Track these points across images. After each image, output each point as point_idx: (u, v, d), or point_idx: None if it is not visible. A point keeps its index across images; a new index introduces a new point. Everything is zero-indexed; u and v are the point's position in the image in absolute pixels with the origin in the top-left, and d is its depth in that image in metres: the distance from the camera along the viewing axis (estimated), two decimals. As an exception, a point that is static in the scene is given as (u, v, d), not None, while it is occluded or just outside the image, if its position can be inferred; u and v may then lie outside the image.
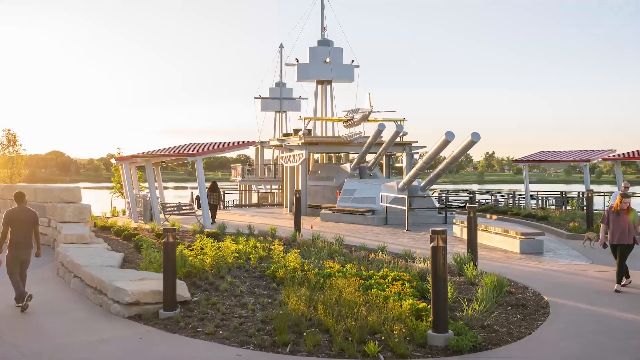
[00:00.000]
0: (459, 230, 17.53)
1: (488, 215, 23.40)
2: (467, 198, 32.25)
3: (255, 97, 47.84)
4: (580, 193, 29.04)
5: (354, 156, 33.49)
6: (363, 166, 26.97)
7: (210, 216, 21.49)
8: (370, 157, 28.10)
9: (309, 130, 30.67)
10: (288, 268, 10.37)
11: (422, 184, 21.45)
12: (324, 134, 35.93)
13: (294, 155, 27.31)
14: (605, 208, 16.07)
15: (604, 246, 10.38)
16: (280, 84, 47.61)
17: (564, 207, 28.04)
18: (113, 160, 26.77)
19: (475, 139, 16.80)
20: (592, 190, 19.33)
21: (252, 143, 23.44)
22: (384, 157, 29.66)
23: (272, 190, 48.58)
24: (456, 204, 30.19)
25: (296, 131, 31.97)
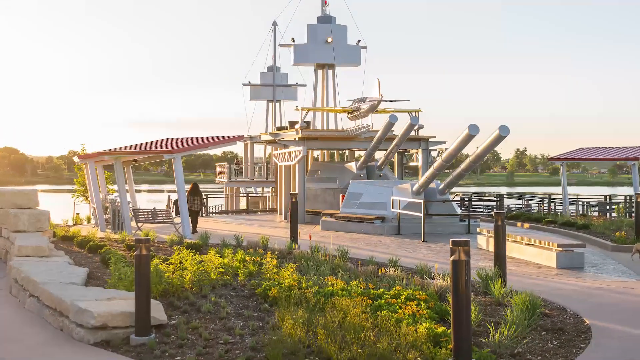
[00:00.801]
0: (484, 241, 17.54)
1: (519, 224, 23.42)
2: (494, 203, 32.29)
3: (244, 84, 47.89)
4: (628, 197, 29.05)
5: (360, 153, 33.56)
6: (371, 165, 26.99)
7: (191, 224, 21.51)
8: (379, 155, 28.15)
9: (307, 123, 30.71)
10: (283, 286, 10.37)
11: (441, 187, 21.46)
12: (325, 127, 35.97)
13: (289, 153, 27.34)
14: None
15: None
16: (273, 69, 47.67)
17: (608, 213, 28.08)
18: (76, 159, 26.79)
19: (503, 133, 16.82)
20: (641, 193, 19.33)
21: (240, 138, 23.48)
22: (396, 154, 29.70)
23: (264, 194, 48.64)
24: (481, 210, 30.23)
25: (292, 124, 32.01)
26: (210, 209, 38.28)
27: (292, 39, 35.45)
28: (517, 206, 32.60)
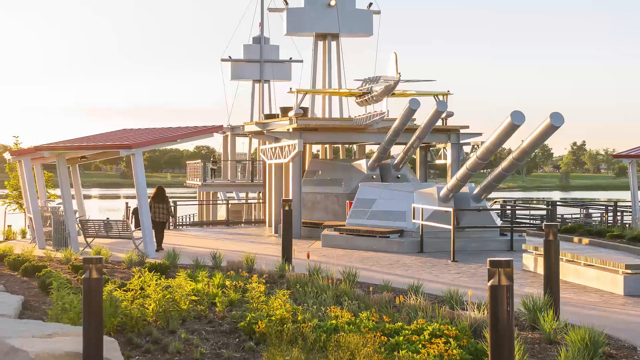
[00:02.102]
0: (531, 261, 17.56)
1: (576, 239, 23.42)
2: (544, 212, 32.33)
3: (224, 60, 47.95)
4: None
5: (372, 148, 33.57)
6: (386, 164, 27.03)
7: (155, 240, 21.54)
8: (396, 150, 28.21)
9: (304, 110, 30.77)
10: (273, 318, 10.38)
11: (476, 191, 21.48)
12: (326, 115, 36.04)
13: (281, 148, 27.40)
14: None
15: None
16: (260, 40, 47.75)
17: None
18: (7, 155, 26.80)
19: (556, 122, 16.84)
20: None
21: (219, 129, 23.52)
22: (418, 149, 29.75)
23: (249, 201, 48.73)
24: (528, 222, 30.28)
25: (285, 111, 32.08)
26: (180, 220, 38.32)
27: (285, 1, 35.46)
28: (574, 216, 32.64)
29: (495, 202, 34.80)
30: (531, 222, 31.47)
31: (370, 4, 36.00)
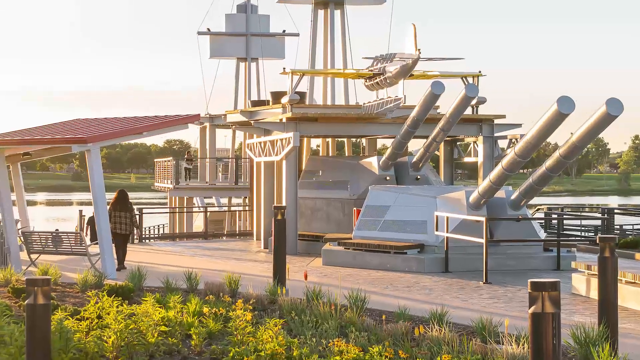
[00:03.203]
0: (582, 282, 17.54)
1: (638, 255, 23.38)
2: (598, 222, 32.26)
3: (201, 33, 47.95)
4: None
5: (385, 143, 33.49)
6: (403, 162, 27.02)
7: (116, 256, 21.53)
8: (416, 145, 28.21)
9: (301, 95, 30.77)
10: (262, 354, 10.37)
11: (514, 196, 21.47)
12: (328, 102, 36.04)
13: (272, 142, 27.40)
14: None
15: None
16: (246, 8, 47.71)
17: None
18: None
19: (613, 111, 16.81)
20: None
21: (195, 118, 23.51)
22: (443, 144, 29.75)
23: (232, 208, 48.60)
24: (578, 234, 30.23)
25: (277, 96, 32.09)
26: (147, 232, 38.28)
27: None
28: (635, 227, 32.55)
29: (538, 209, 34.77)
30: (583, 234, 31.43)
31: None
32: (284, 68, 28.06)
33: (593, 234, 30.72)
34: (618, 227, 31.41)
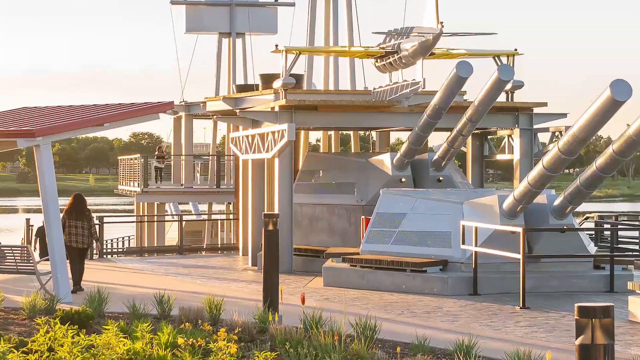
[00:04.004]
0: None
1: None
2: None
3: (175, 2, 47.90)
4: None
5: (400, 137, 33.18)
6: (422, 160, 26.97)
7: (72, 275, 21.50)
8: (437, 140, 28.08)
9: (297, 78, 30.70)
10: (249, 395, 10.31)
11: (558, 202, 21.43)
12: (330, 87, 35.98)
13: (262, 136, 27.37)
14: None
15: None
16: (230, -28, 47.69)
17: None
18: None
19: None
20: None
21: (168, 107, 23.44)
22: (470, 138, 29.70)
23: (213, 216, 48.40)
24: (636, 248, 30.18)
25: (267, 79, 32.04)
26: (109, 245, 38.22)
27: None
28: None
29: (587, 218, 34.68)
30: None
31: None
32: (277, 45, 27.97)
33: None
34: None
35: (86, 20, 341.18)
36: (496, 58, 28.36)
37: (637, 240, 32.48)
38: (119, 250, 38.77)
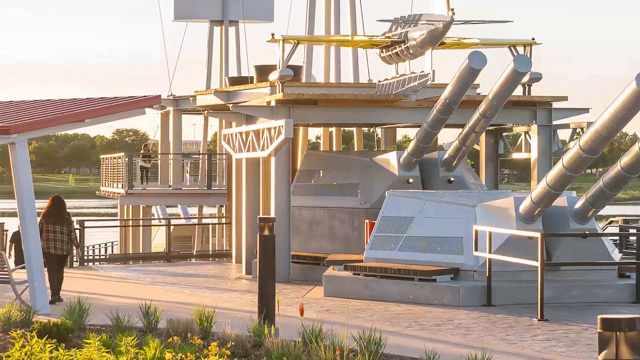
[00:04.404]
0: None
1: None
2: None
3: (161, -12, 47.97)
4: None
5: (407, 134, 33.18)
6: (431, 159, 26.97)
7: (50, 285, 21.49)
8: (448, 137, 28.02)
9: (295, 70, 30.69)
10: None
11: (579, 204, 21.44)
12: (331, 80, 35.99)
13: (257, 133, 27.37)
14: None
15: None
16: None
17: None
18: None
19: None
20: None
21: (155, 101, 23.44)
22: (484, 136, 29.69)
23: (204, 220, 48.32)
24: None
25: (263, 72, 32.05)
26: (90, 252, 38.19)
27: None
28: None
29: (611, 222, 34.63)
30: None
31: None
32: (273, 34, 27.95)
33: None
34: None
35: (62, 6, 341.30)
36: (512, 48, 28.35)
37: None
38: (102, 257, 38.80)
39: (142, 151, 47.99)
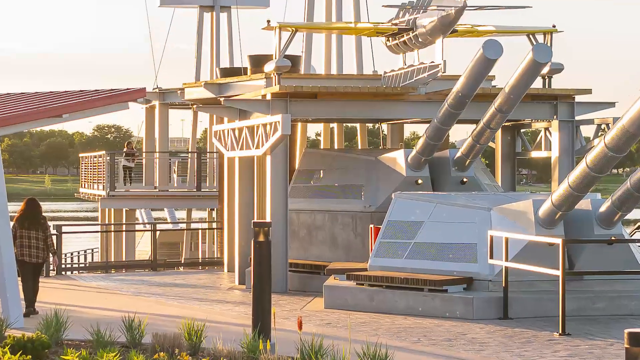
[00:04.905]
0: None
1: None
2: None
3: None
4: None
5: (416, 131, 33.14)
6: (442, 158, 26.98)
7: (24, 295, 21.53)
8: (460, 134, 28.00)
9: (293, 61, 30.70)
10: None
11: (604, 207, 21.46)
12: (332, 71, 35.98)
13: (251, 129, 27.38)
14: None
15: None
16: None
17: None
18: None
19: None
20: None
21: (140, 94, 23.45)
22: (500, 132, 29.70)
23: (193, 225, 48.24)
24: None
25: (258, 62, 32.04)
26: (69, 260, 38.14)
27: None
28: None
29: (639, 226, 34.66)
30: None
31: None
32: (269, 21, 27.99)
33: None
34: None
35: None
36: (531, 36, 28.37)
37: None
38: (81, 265, 38.77)
39: (125, 149, 48.06)
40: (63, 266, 33.60)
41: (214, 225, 42.59)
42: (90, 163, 47.70)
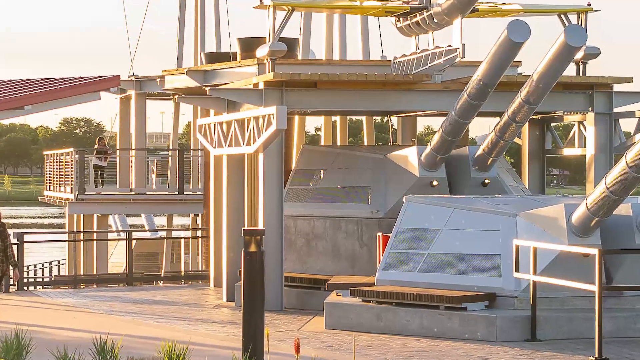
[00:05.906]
0: None
1: None
2: None
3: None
4: None
5: (431, 125, 33.05)
6: (460, 156, 27.01)
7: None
8: (481, 129, 28.01)
9: (289, 45, 30.72)
10: None
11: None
12: (334, 57, 36.00)
13: (241, 123, 27.40)
14: None
15: None
16: None
17: None
18: None
19: None
20: None
21: (113, 83, 23.52)
22: (527, 127, 29.71)
23: (174, 233, 48.19)
24: None
25: (248, 46, 32.09)
26: (32, 273, 38.16)
27: None
28: None
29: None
30: None
31: None
32: (261, -1, 28.06)
33: None
34: None
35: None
36: (562, 16, 28.39)
37: None
38: (45, 279, 38.84)
39: (96, 146, 48.03)
40: (25, 280, 33.65)
41: (199, 233, 42.59)
42: (57, 162, 47.73)
